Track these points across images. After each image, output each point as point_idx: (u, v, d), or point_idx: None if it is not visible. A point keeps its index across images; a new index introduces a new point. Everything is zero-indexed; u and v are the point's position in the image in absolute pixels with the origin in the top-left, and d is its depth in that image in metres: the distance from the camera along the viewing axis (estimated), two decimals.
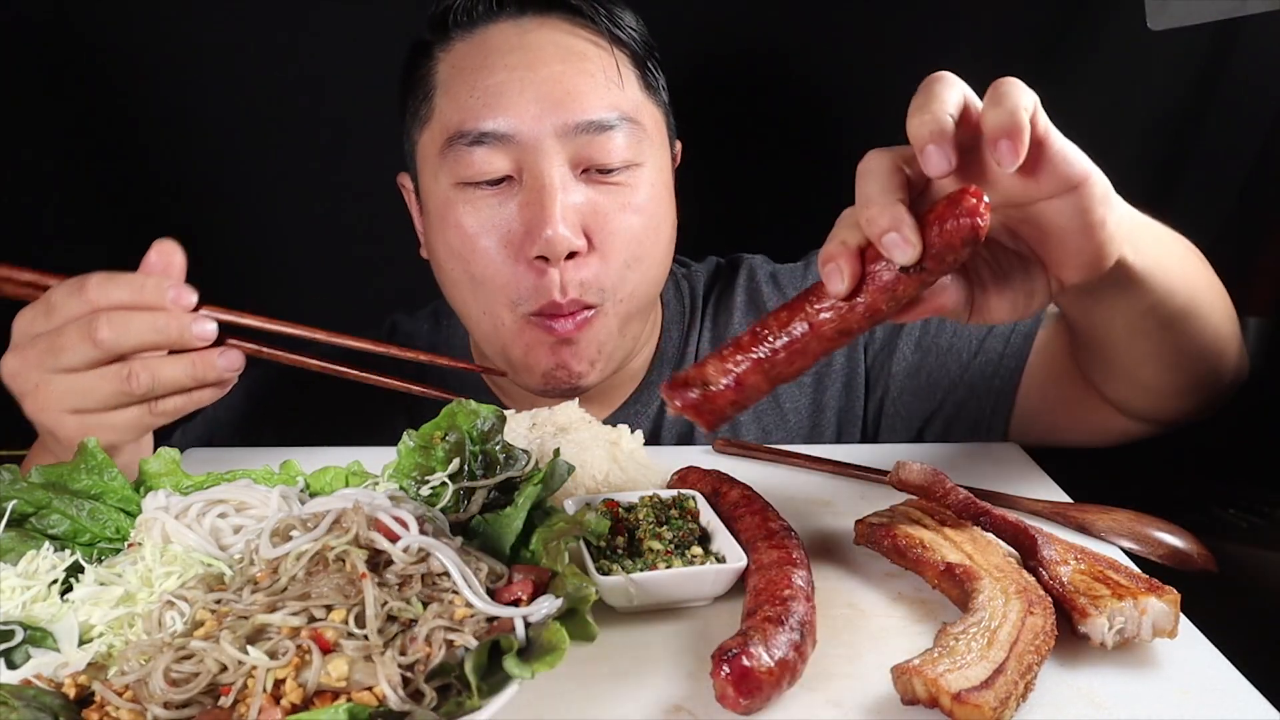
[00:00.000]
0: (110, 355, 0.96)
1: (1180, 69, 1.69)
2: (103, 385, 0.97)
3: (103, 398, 0.97)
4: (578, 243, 1.23)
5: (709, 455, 1.30)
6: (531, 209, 1.23)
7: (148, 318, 0.96)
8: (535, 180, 1.23)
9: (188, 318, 0.97)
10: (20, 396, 1.01)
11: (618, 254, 1.28)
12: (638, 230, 1.29)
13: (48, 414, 0.99)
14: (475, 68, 1.26)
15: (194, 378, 0.99)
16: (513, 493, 0.92)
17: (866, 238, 0.81)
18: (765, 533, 0.92)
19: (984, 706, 0.68)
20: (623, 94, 1.28)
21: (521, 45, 1.26)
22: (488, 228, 1.26)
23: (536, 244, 1.22)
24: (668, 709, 0.76)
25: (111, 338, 0.95)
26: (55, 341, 0.97)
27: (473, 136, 1.24)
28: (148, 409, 0.99)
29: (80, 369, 0.97)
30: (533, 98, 1.23)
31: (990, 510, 0.95)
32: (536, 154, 1.23)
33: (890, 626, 0.87)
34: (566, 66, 1.25)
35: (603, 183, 1.27)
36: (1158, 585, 0.82)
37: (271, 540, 0.79)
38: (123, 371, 0.96)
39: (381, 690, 0.66)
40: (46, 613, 0.80)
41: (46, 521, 0.92)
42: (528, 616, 0.73)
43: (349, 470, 1.03)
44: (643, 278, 1.32)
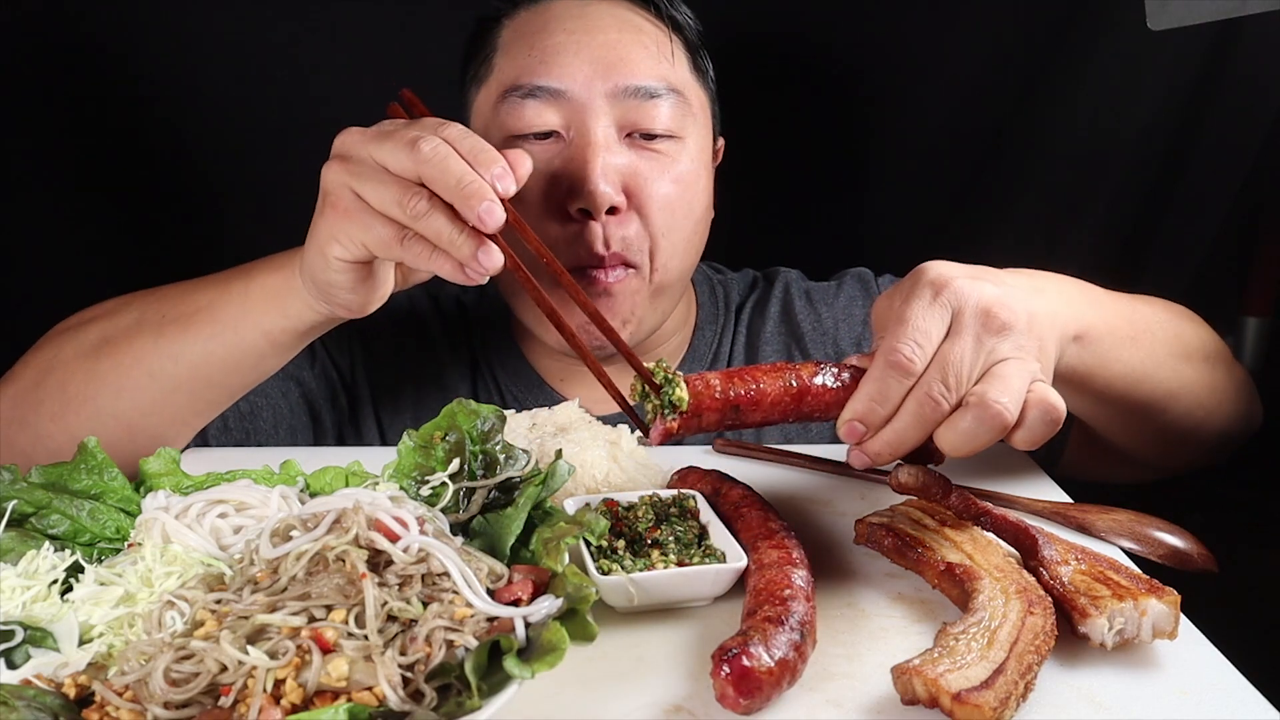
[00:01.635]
0: (415, 169, 0.97)
1: (1180, 69, 1.69)
2: (390, 188, 0.98)
3: (381, 198, 0.99)
4: (618, 198, 1.28)
5: (709, 455, 1.30)
6: (576, 163, 1.28)
7: (463, 167, 0.97)
8: (581, 136, 1.29)
9: (488, 192, 0.96)
10: (333, 156, 1.04)
11: (655, 217, 1.32)
12: (674, 199, 1.33)
13: (338, 180, 1.02)
14: (535, 31, 1.33)
15: (450, 242, 0.98)
16: (513, 493, 0.93)
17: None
18: (765, 533, 0.92)
19: (984, 706, 0.68)
20: (672, 69, 1.34)
21: (582, 14, 1.34)
22: (536, 178, 1.28)
23: (579, 197, 1.27)
24: (668, 709, 0.76)
25: (427, 154, 0.96)
26: (390, 135, 1.00)
27: (526, 90, 1.30)
28: (400, 236, 1.00)
29: (389, 167, 0.99)
30: (587, 59, 1.29)
31: (990, 510, 0.95)
32: (585, 112, 1.29)
33: (890, 626, 0.87)
34: (622, 36, 1.32)
35: (645, 149, 1.32)
36: (1158, 586, 0.82)
37: (271, 540, 0.79)
38: (410, 188, 0.98)
39: (381, 690, 0.66)
40: (46, 613, 0.80)
41: (46, 521, 0.92)
42: (528, 616, 0.73)
43: (349, 470, 1.03)
44: (675, 249, 1.35)
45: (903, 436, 0.92)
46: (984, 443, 0.90)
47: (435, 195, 0.97)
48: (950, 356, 0.91)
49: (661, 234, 1.33)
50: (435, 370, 1.53)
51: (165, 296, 1.24)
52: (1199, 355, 1.27)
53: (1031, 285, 1.04)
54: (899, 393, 0.92)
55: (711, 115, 1.44)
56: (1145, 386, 1.18)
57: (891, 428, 0.92)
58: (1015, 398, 0.90)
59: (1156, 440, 1.29)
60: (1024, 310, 0.95)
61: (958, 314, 0.93)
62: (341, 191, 1.02)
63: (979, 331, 0.92)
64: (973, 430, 0.89)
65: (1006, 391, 0.89)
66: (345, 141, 1.04)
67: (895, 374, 0.91)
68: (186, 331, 1.17)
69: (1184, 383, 1.23)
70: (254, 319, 1.15)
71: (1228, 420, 1.32)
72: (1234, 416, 1.33)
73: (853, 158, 1.96)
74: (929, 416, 0.91)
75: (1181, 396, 1.23)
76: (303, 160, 1.86)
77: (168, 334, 1.17)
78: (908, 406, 0.92)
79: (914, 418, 0.91)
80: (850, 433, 0.94)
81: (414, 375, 1.52)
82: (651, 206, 1.31)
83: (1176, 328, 1.25)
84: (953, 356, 0.91)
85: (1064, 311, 1.06)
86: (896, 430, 0.92)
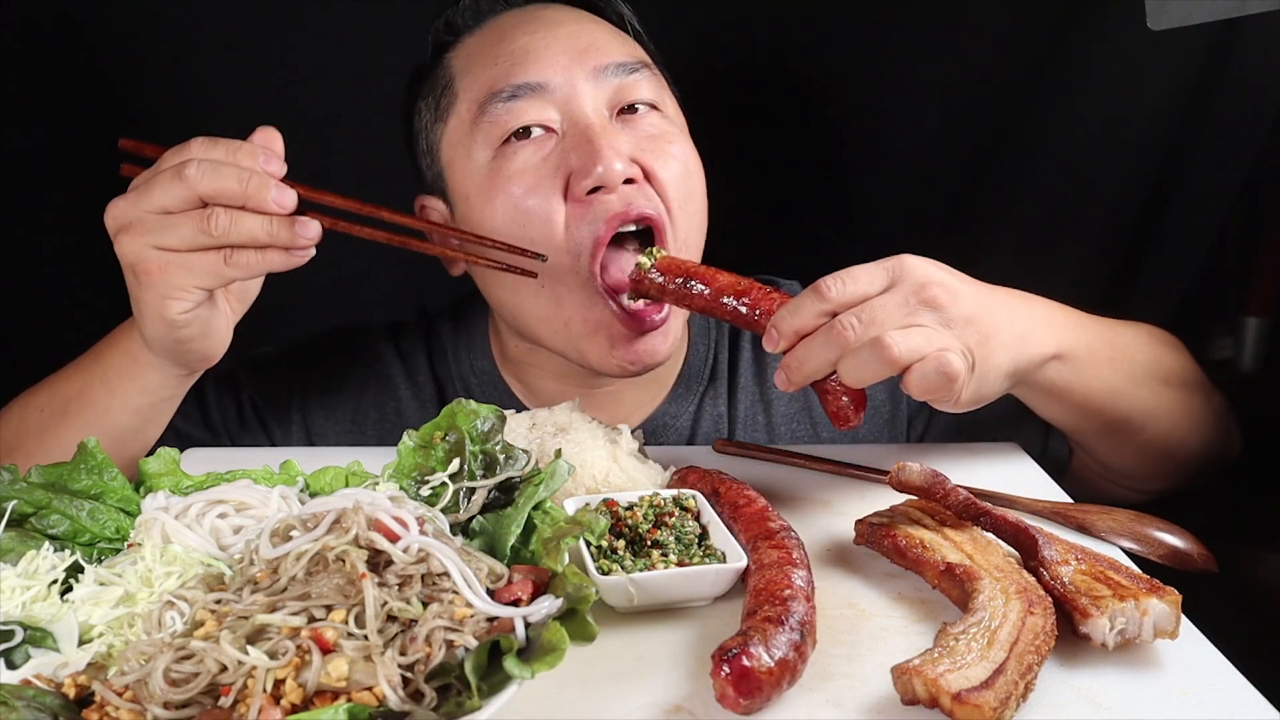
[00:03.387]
0: (194, 195, 1.01)
1: (1180, 69, 1.69)
2: (185, 224, 1.02)
3: (184, 236, 1.02)
4: (632, 169, 1.24)
5: (709, 455, 1.30)
6: (579, 151, 1.24)
7: (234, 170, 1.01)
8: (577, 124, 1.25)
9: (270, 180, 1.01)
10: (115, 234, 1.06)
11: (669, 187, 1.28)
12: (680, 167, 1.30)
13: (135, 247, 1.05)
14: (492, 44, 1.31)
15: (269, 234, 1.02)
16: (513, 493, 0.92)
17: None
18: (765, 533, 0.92)
19: (984, 706, 0.68)
20: (636, 49, 1.34)
21: (535, 18, 1.32)
22: (535, 185, 1.25)
23: (590, 177, 1.22)
24: (668, 709, 0.76)
25: (196, 176, 1.00)
26: (151, 183, 1.03)
27: (508, 92, 1.26)
28: (223, 257, 1.03)
29: (169, 209, 1.02)
30: (559, 50, 1.27)
31: (990, 510, 0.95)
32: (573, 98, 1.26)
33: (890, 626, 0.87)
34: (582, 26, 1.31)
35: (637, 120, 1.30)
36: (1159, 586, 0.82)
37: (271, 540, 0.79)
38: (205, 213, 1.01)
39: (381, 690, 0.66)
40: (46, 613, 0.80)
41: (46, 521, 0.92)
42: (528, 616, 0.73)
43: (349, 470, 1.03)
44: (690, 221, 1.32)
45: (809, 353, 1.00)
46: (872, 375, 0.97)
47: (226, 206, 1.01)
48: (873, 303, 0.98)
49: (678, 205, 1.29)
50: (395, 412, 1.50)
51: (43, 389, 1.28)
52: (1177, 380, 1.29)
53: (1015, 304, 1.10)
54: (809, 311, 1.00)
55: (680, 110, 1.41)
56: (1124, 403, 1.22)
57: (802, 345, 1.00)
58: (912, 346, 0.95)
59: (1138, 459, 1.31)
60: (972, 304, 1.01)
61: (897, 280, 1.00)
62: (144, 254, 1.04)
63: (909, 297, 0.99)
64: (864, 361, 0.96)
65: (907, 338, 0.95)
66: (116, 213, 1.06)
67: (812, 295, 1.00)
68: (64, 421, 1.21)
69: (1161, 403, 1.26)
70: (119, 400, 1.18)
71: (1204, 445, 1.34)
72: (1211, 442, 1.35)
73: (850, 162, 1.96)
74: (834, 343, 0.98)
75: (1159, 416, 1.26)
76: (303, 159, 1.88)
77: (51, 427, 1.22)
78: (820, 332, 0.99)
79: (821, 342, 0.99)
80: (767, 338, 1.03)
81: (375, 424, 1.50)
82: (663, 175, 1.28)
83: (1155, 352, 1.29)
84: (874, 304, 0.98)
85: (1041, 331, 1.12)
86: (805, 348, 1.00)
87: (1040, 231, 1.88)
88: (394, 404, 1.50)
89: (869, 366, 0.96)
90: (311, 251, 1.06)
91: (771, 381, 1.48)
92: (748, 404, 1.48)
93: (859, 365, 0.96)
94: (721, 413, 1.47)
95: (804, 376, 1.01)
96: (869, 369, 0.96)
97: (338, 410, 1.49)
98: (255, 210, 1.02)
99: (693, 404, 1.47)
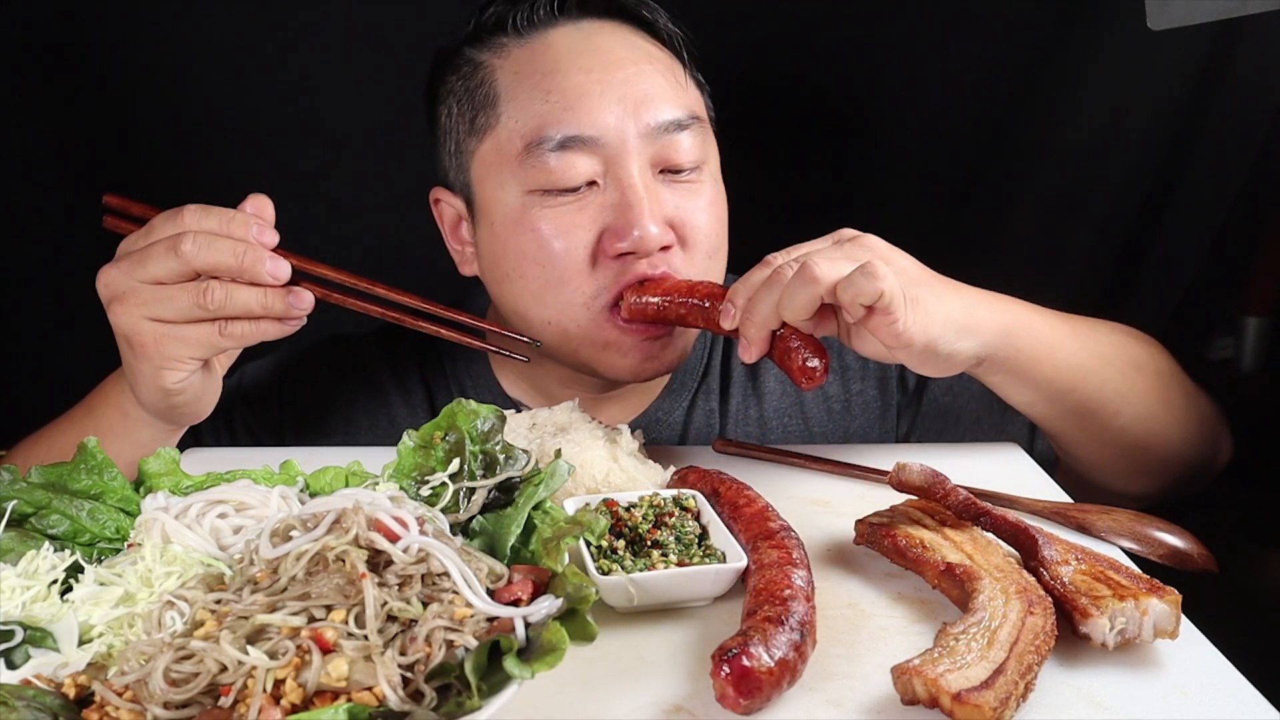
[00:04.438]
0: (189, 269, 1.03)
1: (1180, 69, 1.69)
2: (181, 296, 1.04)
3: (179, 309, 1.04)
4: (667, 237, 1.25)
5: (709, 455, 1.30)
6: (619, 211, 1.23)
7: (229, 243, 1.03)
8: (621, 182, 1.23)
9: (264, 253, 1.04)
10: (108, 303, 1.07)
11: (700, 247, 1.29)
12: (713, 225, 1.31)
13: (129, 318, 1.06)
14: (546, 71, 1.25)
15: (264, 306, 1.05)
16: (513, 493, 0.92)
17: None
18: (765, 533, 0.92)
19: (984, 706, 0.68)
20: (686, 94, 1.31)
21: (590, 48, 1.26)
22: (567, 231, 1.25)
23: (625, 241, 1.22)
24: (668, 709, 0.76)
25: (192, 251, 1.02)
26: (145, 254, 1.05)
27: (556, 142, 1.23)
28: (218, 329, 1.06)
29: (163, 280, 1.04)
30: (614, 99, 1.23)
31: (990, 510, 0.95)
32: (621, 155, 1.24)
33: (890, 626, 0.87)
34: (639, 69, 1.26)
35: (678, 183, 1.28)
36: (1159, 586, 0.82)
37: (271, 540, 0.79)
38: (200, 286, 1.04)
39: (381, 690, 0.66)
40: (46, 613, 0.80)
41: (46, 521, 0.92)
42: (528, 616, 0.73)
43: (349, 470, 1.03)
44: (718, 267, 1.34)
45: (753, 304, 1.07)
46: (805, 301, 1.03)
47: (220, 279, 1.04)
48: (808, 248, 1.08)
49: (708, 257, 1.30)
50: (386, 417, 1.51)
51: (41, 442, 1.29)
52: (1150, 369, 1.28)
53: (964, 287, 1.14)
54: (756, 277, 1.09)
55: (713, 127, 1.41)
56: (1093, 382, 1.20)
57: (751, 300, 1.08)
58: (836, 266, 1.02)
59: (1113, 451, 1.28)
60: (909, 262, 1.09)
61: (839, 240, 1.10)
62: (139, 326, 1.06)
63: (844, 243, 1.08)
64: (796, 291, 1.03)
65: (831, 262, 1.03)
66: (108, 281, 1.07)
67: (759, 267, 1.10)
68: None
69: (1133, 388, 1.24)
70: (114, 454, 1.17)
71: (1185, 442, 1.31)
72: (1193, 440, 1.32)
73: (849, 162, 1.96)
74: (774, 285, 1.05)
75: (1131, 401, 1.24)
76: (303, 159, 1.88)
77: None
78: (764, 285, 1.07)
79: (763, 290, 1.06)
80: (724, 313, 1.11)
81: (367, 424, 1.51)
82: (698, 238, 1.28)
83: (1122, 338, 1.29)
84: (808, 247, 1.07)
85: (997, 303, 1.15)
86: (752, 302, 1.07)
87: (1040, 231, 1.88)
88: (385, 410, 1.50)
89: (802, 293, 1.02)
90: (304, 320, 1.08)
91: (763, 378, 1.50)
92: (739, 399, 1.49)
93: (793, 296, 1.03)
94: (714, 408, 1.48)
95: (756, 328, 1.07)
96: (802, 296, 1.02)
97: (329, 424, 1.50)
98: (250, 283, 1.04)
99: (686, 400, 1.48)
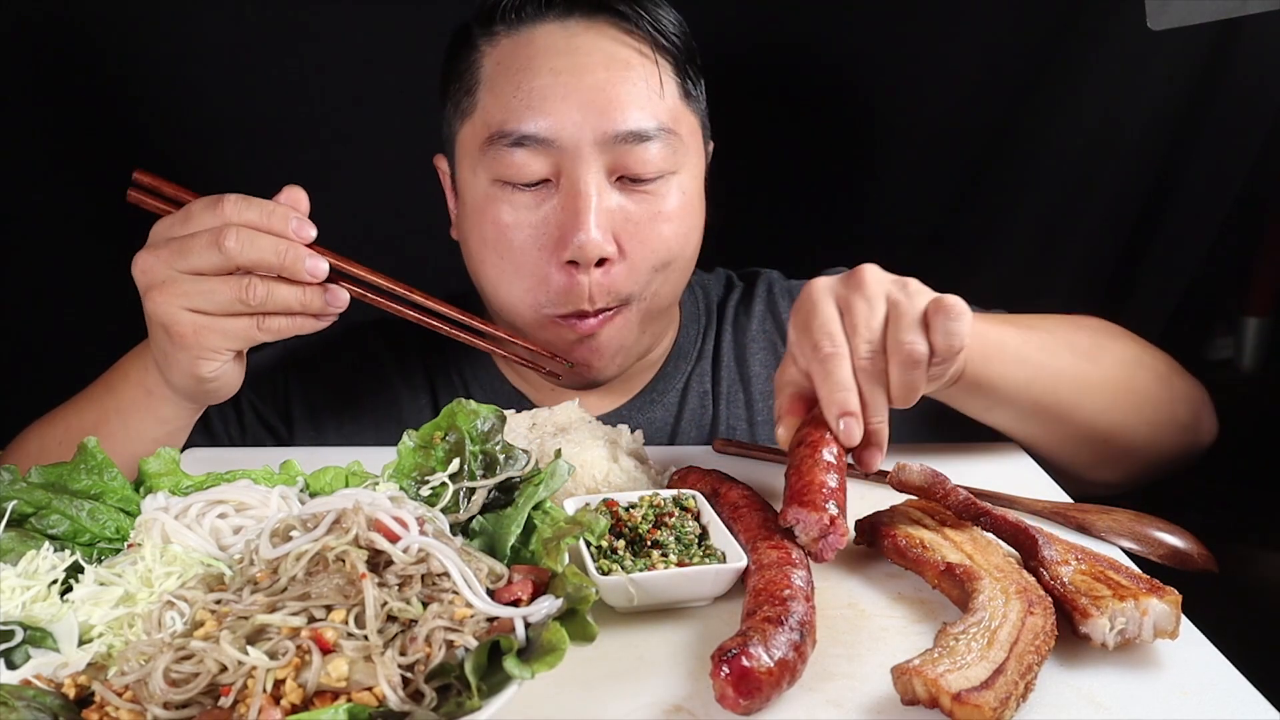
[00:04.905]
0: (231, 264, 1.05)
1: (1180, 69, 1.69)
2: (223, 290, 1.06)
3: (221, 302, 1.06)
4: (609, 249, 1.25)
5: (709, 455, 1.30)
6: (566, 213, 1.25)
7: (271, 240, 1.05)
8: (572, 185, 1.25)
9: (305, 251, 1.06)
10: (145, 290, 1.08)
11: (646, 260, 1.30)
12: (667, 237, 1.30)
13: (169, 309, 1.07)
14: (520, 68, 1.27)
15: (302, 303, 1.08)
16: (513, 493, 0.92)
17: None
18: (765, 533, 0.92)
19: (984, 706, 0.68)
20: (662, 103, 1.29)
21: (568, 49, 1.27)
22: (523, 226, 1.28)
23: (569, 248, 1.24)
24: (668, 709, 0.76)
25: (236, 248, 1.04)
26: (186, 244, 1.05)
27: (514, 138, 1.25)
28: (256, 323, 1.08)
29: (204, 272, 1.06)
30: (576, 104, 1.24)
31: (990, 510, 0.95)
32: (575, 160, 1.25)
33: (890, 626, 0.87)
34: (610, 74, 1.26)
35: (636, 191, 1.28)
36: (1159, 586, 0.82)
37: (271, 540, 0.79)
38: (243, 281, 1.05)
39: (381, 690, 0.66)
40: (46, 613, 0.80)
41: (46, 521, 0.92)
42: (528, 616, 0.73)
43: (349, 470, 1.03)
44: (668, 279, 1.34)
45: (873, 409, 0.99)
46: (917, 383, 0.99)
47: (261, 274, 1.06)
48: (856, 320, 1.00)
49: (654, 270, 1.31)
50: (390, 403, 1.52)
51: (58, 422, 1.28)
52: (1109, 358, 1.27)
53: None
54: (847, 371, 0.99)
55: (702, 130, 1.39)
56: (1041, 379, 1.20)
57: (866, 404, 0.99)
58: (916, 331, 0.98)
59: (1079, 446, 1.27)
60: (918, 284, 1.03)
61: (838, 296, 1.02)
62: (179, 316, 1.07)
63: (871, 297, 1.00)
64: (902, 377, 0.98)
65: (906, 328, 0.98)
66: (145, 268, 1.08)
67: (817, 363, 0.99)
68: None
69: (1091, 381, 1.24)
70: (135, 433, 1.21)
71: (1157, 428, 1.30)
72: (1165, 425, 1.31)
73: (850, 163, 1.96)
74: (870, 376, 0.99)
75: (1089, 394, 1.23)
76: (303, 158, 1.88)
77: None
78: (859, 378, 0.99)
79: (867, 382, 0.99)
80: (847, 431, 0.97)
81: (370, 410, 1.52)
82: (644, 250, 1.29)
83: (1072, 328, 1.28)
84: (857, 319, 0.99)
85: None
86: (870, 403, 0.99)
87: (1040, 231, 1.88)
88: (388, 394, 1.51)
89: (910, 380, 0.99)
90: (336, 316, 1.11)
91: (749, 360, 1.52)
92: (729, 381, 1.51)
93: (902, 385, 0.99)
94: (706, 390, 1.51)
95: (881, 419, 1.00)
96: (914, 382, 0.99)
97: (334, 408, 1.51)
98: (290, 279, 1.06)
99: (680, 381, 1.51)
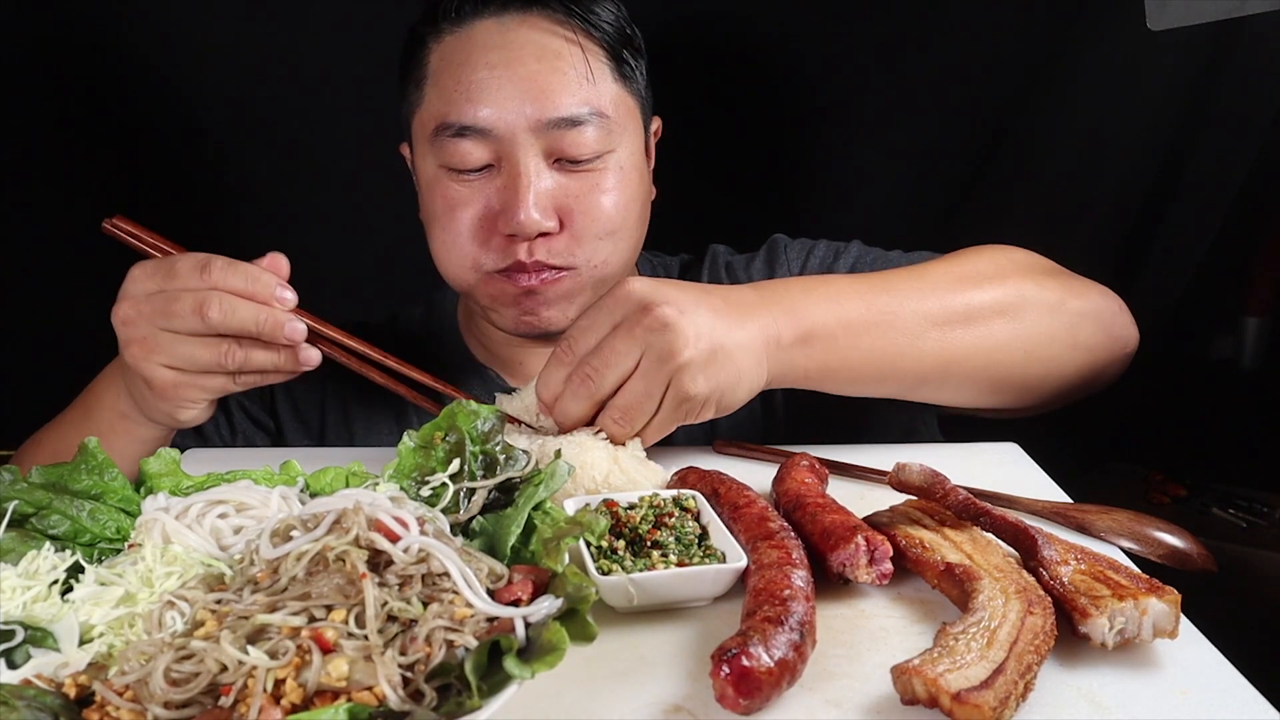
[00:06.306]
0: (213, 332, 1.12)
1: (1180, 69, 1.69)
2: (203, 353, 1.13)
3: (201, 364, 1.14)
4: (548, 224, 1.33)
5: (709, 455, 1.30)
6: (507, 193, 1.33)
7: (253, 309, 1.12)
8: (511, 169, 1.33)
9: (284, 317, 1.13)
10: (125, 343, 1.15)
11: (589, 229, 1.36)
12: (609, 208, 1.37)
13: (149, 365, 1.15)
14: (460, 63, 1.36)
15: (276, 365, 1.16)
16: (513, 493, 0.93)
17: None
18: (765, 533, 0.92)
19: (984, 706, 0.68)
20: (594, 89, 1.36)
21: (502, 43, 1.35)
22: (467, 205, 1.36)
23: (510, 224, 1.32)
24: (668, 709, 0.76)
25: (219, 319, 1.10)
26: (170, 306, 1.12)
27: (456, 129, 1.34)
28: (232, 379, 1.17)
29: (185, 334, 1.13)
30: (510, 94, 1.32)
31: (990, 510, 0.95)
32: (512, 145, 1.33)
33: (890, 626, 0.87)
34: (542, 65, 1.33)
35: (574, 172, 1.36)
36: (1158, 585, 0.82)
37: (271, 541, 0.79)
38: (222, 347, 1.13)
39: (381, 690, 0.66)
40: (47, 613, 0.80)
41: (47, 522, 0.92)
42: (528, 616, 0.73)
43: (349, 471, 1.03)
44: (616, 246, 1.40)
45: (565, 410, 1.12)
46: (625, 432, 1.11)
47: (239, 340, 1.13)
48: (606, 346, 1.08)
49: (599, 238, 1.37)
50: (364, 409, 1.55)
51: (45, 446, 1.37)
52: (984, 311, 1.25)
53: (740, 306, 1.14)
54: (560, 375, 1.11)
55: (642, 110, 1.45)
56: (902, 365, 1.22)
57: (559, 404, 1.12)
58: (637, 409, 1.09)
59: (976, 394, 1.30)
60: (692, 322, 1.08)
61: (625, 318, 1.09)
62: (158, 372, 1.15)
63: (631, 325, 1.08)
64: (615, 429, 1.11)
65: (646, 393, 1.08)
66: (126, 321, 1.14)
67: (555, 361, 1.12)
68: None
69: (958, 349, 1.24)
70: (117, 451, 1.25)
71: (1060, 358, 1.31)
72: (1070, 349, 1.31)
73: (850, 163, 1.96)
74: (581, 393, 1.10)
75: (962, 361, 1.24)
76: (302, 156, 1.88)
77: None
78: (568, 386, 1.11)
79: (571, 395, 1.11)
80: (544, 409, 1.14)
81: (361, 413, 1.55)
82: (585, 222, 1.35)
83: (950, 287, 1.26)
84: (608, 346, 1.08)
85: (775, 326, 1.15)
86: (562, 406, 1.12)
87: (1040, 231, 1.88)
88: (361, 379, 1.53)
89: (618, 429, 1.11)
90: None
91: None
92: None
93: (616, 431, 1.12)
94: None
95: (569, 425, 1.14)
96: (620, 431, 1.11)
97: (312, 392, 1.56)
98: (267, 343, 1.14)
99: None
